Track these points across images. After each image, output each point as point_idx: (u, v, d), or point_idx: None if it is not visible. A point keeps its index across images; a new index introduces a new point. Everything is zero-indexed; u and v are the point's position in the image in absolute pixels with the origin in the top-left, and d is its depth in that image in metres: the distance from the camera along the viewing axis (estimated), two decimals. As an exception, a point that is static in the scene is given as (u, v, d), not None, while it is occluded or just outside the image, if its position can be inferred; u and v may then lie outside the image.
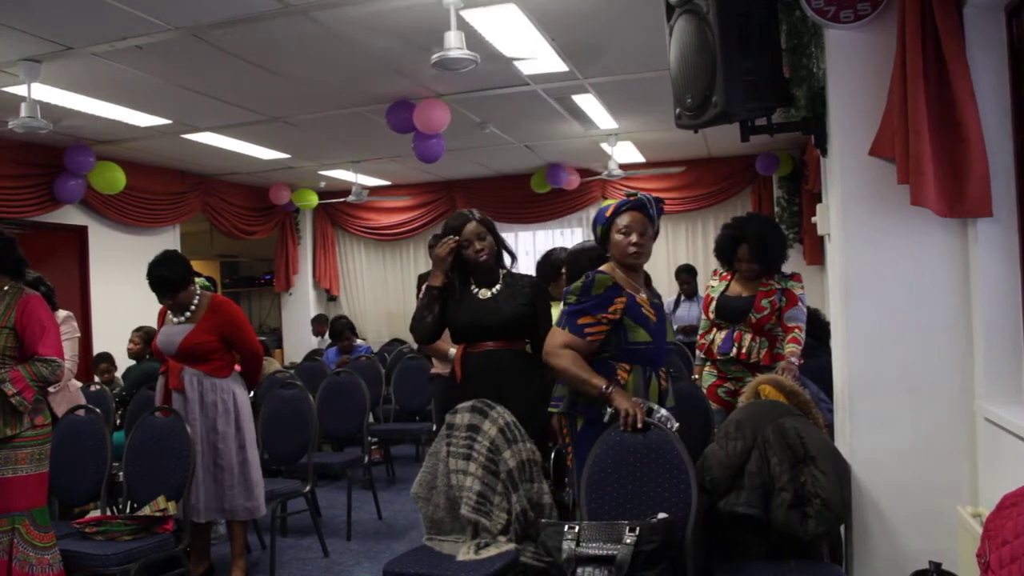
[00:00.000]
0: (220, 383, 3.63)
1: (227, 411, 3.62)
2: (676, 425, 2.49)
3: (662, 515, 2.32)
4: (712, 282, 3.86)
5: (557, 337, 2.61)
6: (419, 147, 5.76)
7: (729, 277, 3.81)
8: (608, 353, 2.60)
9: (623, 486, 2.46)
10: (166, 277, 3.56)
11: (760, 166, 7.80)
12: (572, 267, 3.21)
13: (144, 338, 5.45)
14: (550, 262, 3.69)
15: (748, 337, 3.61)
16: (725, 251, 3.80)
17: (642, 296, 2.66)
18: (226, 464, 3.59)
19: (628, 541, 2.23)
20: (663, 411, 2.52)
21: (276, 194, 8.81)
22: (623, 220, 2.61)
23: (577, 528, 2.34)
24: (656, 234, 2.70)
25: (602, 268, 2.67)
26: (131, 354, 5.58)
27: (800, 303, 3.63)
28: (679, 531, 2.34)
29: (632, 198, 2.66)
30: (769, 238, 3.68)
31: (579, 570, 2.27)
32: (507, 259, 3.13)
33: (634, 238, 2.59)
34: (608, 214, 2.67)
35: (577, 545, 2.30)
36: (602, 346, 2.59)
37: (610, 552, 2.25)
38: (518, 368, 2.98)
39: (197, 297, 3.68)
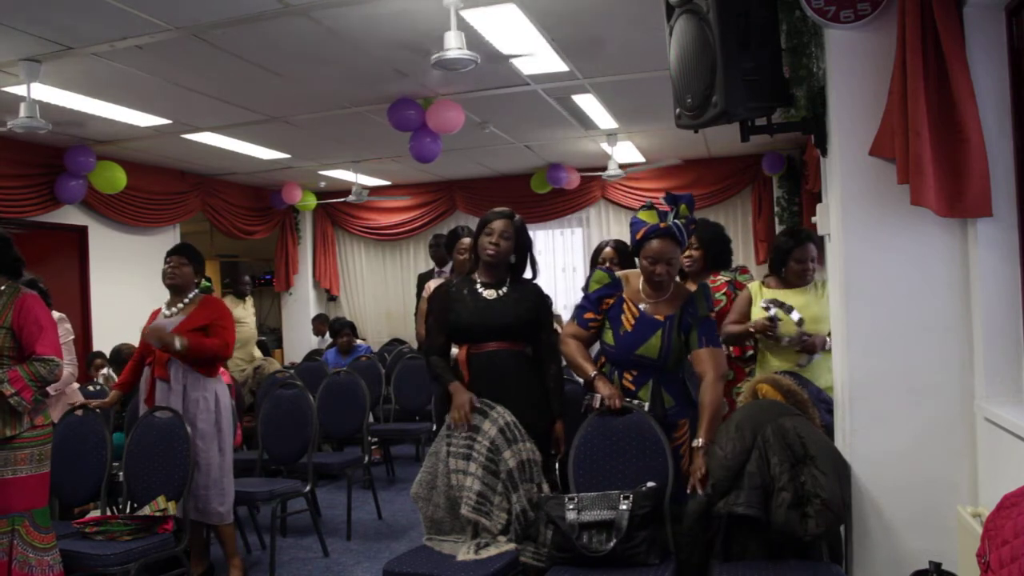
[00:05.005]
0: (205, 380, 3.64)
1: (208, 409, 3.62)
2: (646, 405, 2.80)
3: (651, 484, 2.61)
4: None
5: (568, 326, 3.01)
6: (415, 147, 5.74)
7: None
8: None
9: (607, 461, 2.76)
10: (195, 250, 3.81)
11: (766, 165, 7.79)
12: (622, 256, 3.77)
13: (123, 365, 5.26)
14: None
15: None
16: None
17: (640, 307, 2.85)
18: (203, 463, 3.56)
19: (623, 507, 2.52)
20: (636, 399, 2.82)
21: (288, 193, 8.82)
22: (652, 247, 2.78)
23: (576, 499, 2.59)
24: (684, 249, 2.92)
25: (632, 271, 2.98)
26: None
27: None
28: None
29: (662, 225, 2.74)
30: (711, 230, 3.68)
31: (583, 534, 2.52)
32: (528, 272, 3.15)
33: (659, 268, 2.78)
34: (638, 237, 2.80)
35: (579, 513, 2.54)
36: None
37: (608, 517, 2.52)
38: (521, 370, 2.99)
39: (192, 294, 3.72)
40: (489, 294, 3.02)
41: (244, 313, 7.06)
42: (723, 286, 3.67)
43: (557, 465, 2.97)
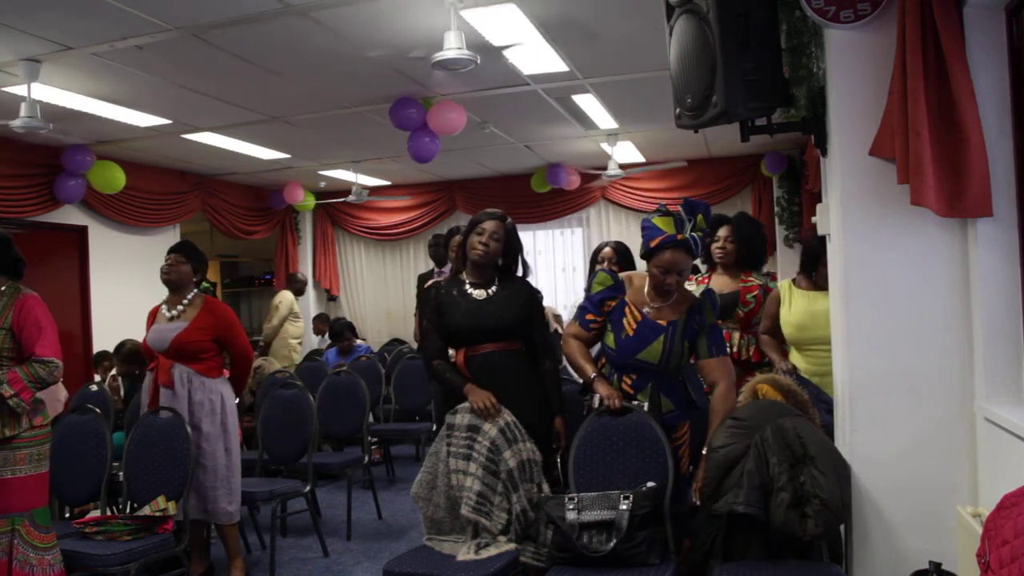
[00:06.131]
0: (209, 383, 3.63)
1: (213, 411, 3.62)
2: (645, 405, 2.79)
3: (651, 484, 2.61)
4: (689, 286, 3.58)
5: (570, 326, 3.00)
6: (413, 146, 5.71)
7: (707, 280, 3.76)
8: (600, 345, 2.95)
9: (607, 461, 2.76)
10: (195, 248, 3.78)
11: (768, 165, 7.78)
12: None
13: (127, 357, 5.29)
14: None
15: (736, 335, 3.60)
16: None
17: (642, 310, 2.83)
18: (209, 464, 3.57)
19: (623, 507, 2.52)
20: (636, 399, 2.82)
21: (290, 193, 8.82)
22: (665, 257, 2.73)
23: (576, 499, 2.58)
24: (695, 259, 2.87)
25: (635, 272, 2.99)
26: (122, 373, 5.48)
27: None
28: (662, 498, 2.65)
29: (679, 237, 2.71)
30: (752, 226, 3.68)
31: (583, 534, 2.51)
32: (519, 271, 3.15)
33: (668, 279, 2.76)
34: (652, 245, 2.75)
35: (579, 513, 2.55)
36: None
37: (608, 517, 2.52)
38: (519, 369, 2.99)
39: (191, 294, 3.70)
40: (479, 294, 3.01)
41: (298, 309, 7.96)
42: (755, 288, 3.65)
43: (558, 460, 2.97)
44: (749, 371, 3.49)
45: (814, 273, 3.46)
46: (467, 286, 3.03)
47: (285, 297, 8.13)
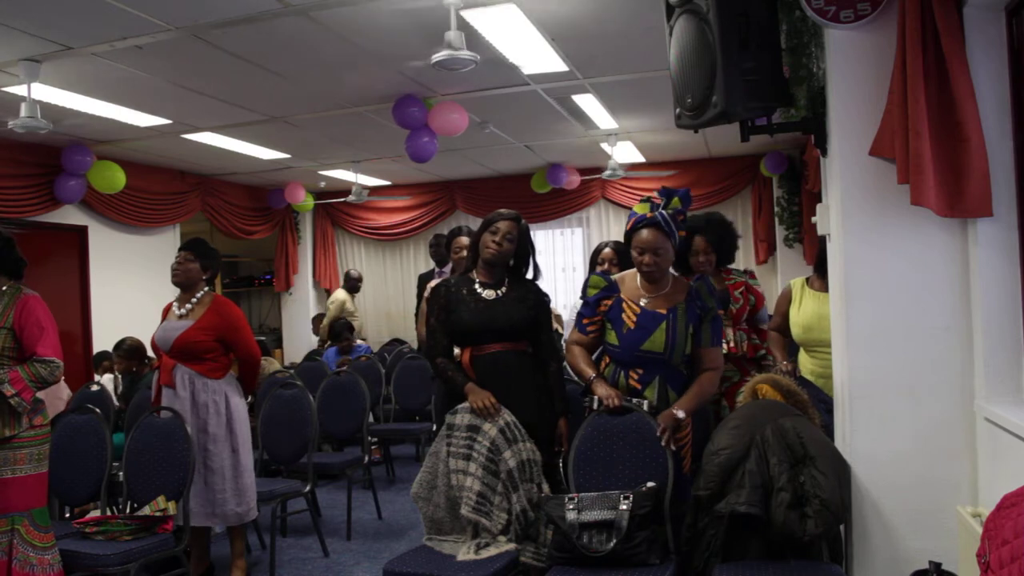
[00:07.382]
0: (212, 384, 3.61)
1: (218, 413, 3.60)
2: (645, 403, 2.78)
3: (651, 484, 2.62)
4: None
5: (571, 334, 3.01)
6: (411, 146, 5.68)
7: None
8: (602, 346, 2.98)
9: (607, 461, 2.77)
10: (205, 246, 3.75)
11: (769, 165, 7.77)
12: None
13: (127, 353, 5.30)
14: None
15: (730, 330, 3.61)
16: (680, 252, 3.76)
17: (639, 303, 2.86)
18: (216, 467, 3.56)
19: (623, 507, 2.53)
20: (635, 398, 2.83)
21: (291, 193, 8.83)
22: (640, 237, 2.82)
23: (576, 499, 2.59)
24: (677, 243, 2.87)
25: (626, 272, 3.02)
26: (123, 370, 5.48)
27: (764, 301, 3.70)
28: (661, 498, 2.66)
29: (649, 215, 2.79)
30: (722, 227, 3.67)
31: (583, 534, 2.52)
32: (529, 274, 3.15)
33: (646, 258, 2.81)
34: (628, 227, 2.86)
35: (579, 513, 2.55)
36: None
37: (608, 517, 2.53)
38: (524, 369, 2.99)
39: (201, 293, 3.69)
40: (488, 294, 3.01)
41: (353, 308, 8.31)
42: (740, 284, 3.64)
43: (560, 463, 2.98)
44: (744, 367, 3.49)
45: (826, 275, 3.47)
46: (477, 285, 3.03)
47: (336, 297, 8.44)
